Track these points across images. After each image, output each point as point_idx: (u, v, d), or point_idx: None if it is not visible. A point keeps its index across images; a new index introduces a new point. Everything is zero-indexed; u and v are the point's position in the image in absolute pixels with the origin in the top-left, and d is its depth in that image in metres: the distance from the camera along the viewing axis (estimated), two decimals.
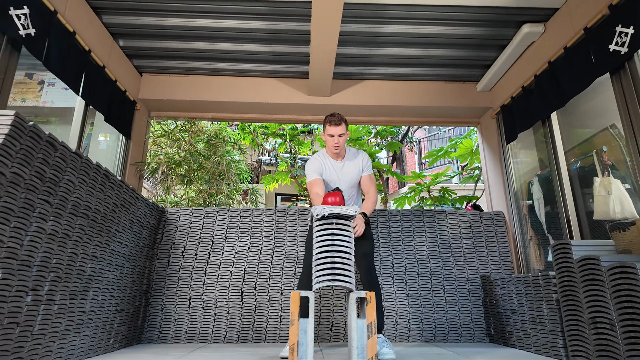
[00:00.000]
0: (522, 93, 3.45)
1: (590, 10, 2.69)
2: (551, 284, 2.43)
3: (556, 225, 3.17)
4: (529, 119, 3.35)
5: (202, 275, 3.28)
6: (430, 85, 4.15)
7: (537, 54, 3.30)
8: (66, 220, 2.04)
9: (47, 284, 1.93)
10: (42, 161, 1.85)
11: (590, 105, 3.08)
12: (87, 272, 2.25)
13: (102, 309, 2.44)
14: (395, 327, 3.21)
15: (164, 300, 3.20)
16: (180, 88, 4.01)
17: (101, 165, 2.35)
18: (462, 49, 3.64)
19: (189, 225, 3.46)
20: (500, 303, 3.02)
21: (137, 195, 2.89)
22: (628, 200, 2.62)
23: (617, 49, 2.42)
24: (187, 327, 3.13)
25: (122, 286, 2.71)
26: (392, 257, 3.45)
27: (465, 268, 3.43)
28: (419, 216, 3.64)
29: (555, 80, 2.99)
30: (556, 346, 2.34)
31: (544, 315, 2.48)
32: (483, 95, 4.13)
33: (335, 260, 1.83)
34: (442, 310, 3.28)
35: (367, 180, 2.75)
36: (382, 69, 3.96)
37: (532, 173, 3.63)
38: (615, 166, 2.80)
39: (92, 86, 2.97)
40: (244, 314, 3.18)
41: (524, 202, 3.70)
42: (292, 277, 3.31)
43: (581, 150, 3.15)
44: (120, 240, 2.64)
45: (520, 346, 2.73)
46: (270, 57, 3.76)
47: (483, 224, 3.62)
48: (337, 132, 2.58)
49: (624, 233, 2.53)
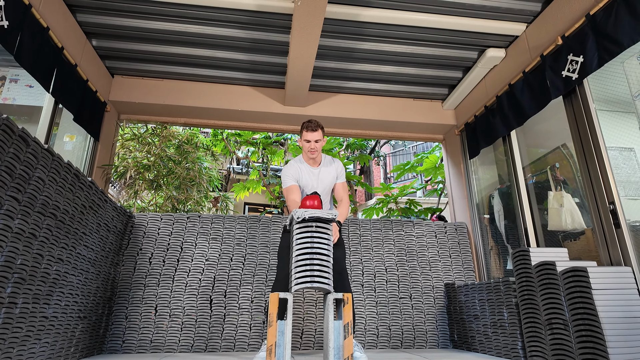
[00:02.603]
0: (485, 112, 3.70)
1: (546, 39, 2.97)
2: (511, 289, 2.60)
3: (515, 236, 3.40)
4: (490, 136, 3.60)
5: (170, 283, 3.20)
6: (400, 101, 4.35)
7: (498, 76, 3.56)
8: (34, 219, 1.96)
9: (10, 285, 1.83)
10: (13, 156, 1.78)
11: (544, 126, 3.36)
12: (52, 275, 2.16)
13: (65, 315, 2.33)
14: (364, 334, 3.27)
15: (128, 309, 3.08)
16: (153, 92, 3.95)
17: (72, 164, 2.28)
18: (431, 69, 3.86)
19: (157, 231, 3.38)
20: (463, 309, 3.17)
21: (106, 197, 2.81)
22: (578, 212, 2.87)
23: (569, 74, 2.68)
24: (152, 336, 3.03)
25: (86, 292, 2.60)
26: (362, 265, 3.53)
27: (431, 276, 3.57)
28: (388, 225, 3.76)
29: (515, 101, 3.24)
30: (515, 348, 2.49)
31: (504, 320, 2.64)
32: (448, 113, 4.38)
33: (315, 262, 1.88)
34: (408, 317, 3.38)
35: (341, 188, 2.81)
36: (356, 83, 4.11)
37: (492, 187, 3.87)
38: (567, 182, 3.06)
39: (63, 84, 2.88)
40: (213, 322, 3.12)
41: (485, 214, 3.93)
42: (263, 285, 3.30)
43: (536, 167, 3.41)
44: (86, 244, 2.54)
45: (482, 350, 2.87)
46: (248, 65, 3.80)
47: (447, 234, 3.80)
48: (314, 137, 2.64)
49: (574, 242, 2.76)
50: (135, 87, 3.94)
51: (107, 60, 3.73)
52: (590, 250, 2.69)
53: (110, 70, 3.86)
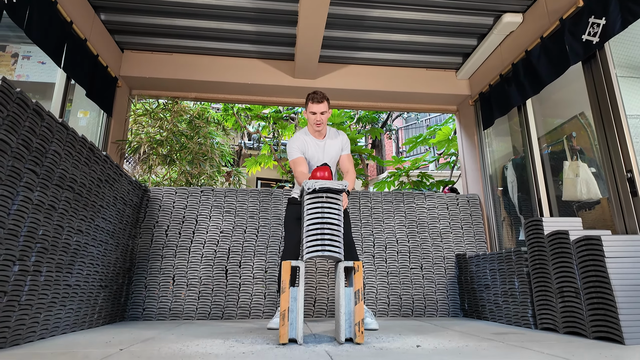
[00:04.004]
0: (500, 80, 3.60)
1: (565, 2, 2.83)
2: (522, 259, 2.60)
3: (528, 207, 3.37)
4: (505, 106, 3.51)
5: (186, 254, 3.29)
6: (412, 71, 4.25)
7: (515, 43, 3.44)
8: (52, 192, 2.02)
9: (34, 254, 1.91)
10: (29, 130, 1.82)
11: (561, 94, 3.26)
12: (73, 245, 2.24)
13: (87, 284, 2.43)
14: (375, 303, 3.34)
15: (147, 279, 3.20)
16: (163, 66, 3.94)
17: (86, 138, 2.32)
18: (445, 36, 3.74)
19: (173, 204, 3.45)
20: (474, 279, 3.19)
21: (121, 171, 2.86)
22: (594, 182, 2.82)
23: (589, 38, 2.57)
24: (170, 304, 3.15)
25: (106, 262, 2.70)
26: (373, 237, 3.56)
27: (442, 247, 3.59)
28: (399, 198, 3.76)
29: (532, 68, 3.14)
30: (525, 316, 2.52)
31: (515, 289, 2.65)
32: (462, 82, 4.27)
33: (325, 232, 1.91)
34: (419, 287, 3.43)
35: (347, 160, 2.79)
36: (367, 53, 4.02)
37: (506, 158, 3.81)
38: (583, 151, 2.99)
39: (73, 59, 2.89)
40: (229, 291, 3.23)
41: (498, 185, 3.89)
42: (276, 256, 3.37)
43: (552, 137, 3.33)
44: (104, 216, 2.62)
45: (492, 318, 2.91)
46: (256, 37, 3.74)
47: (459, 205, 3.78)
48: (319, 109, 2.62)
49: (589, 212, 2.73)
50: (145, 62, 3.93)
51: (116, 35, 3.72)
52: (605, 219, 2.65)
53: (120, 45, 3.85)
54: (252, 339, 1.95)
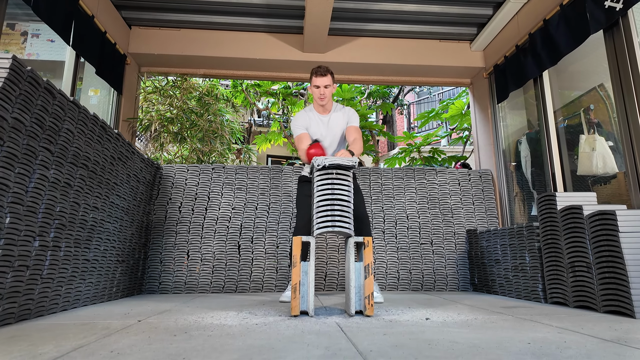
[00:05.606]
0: (516, 52, 3.47)
1: None
2: (534, 234, 2.58)
3: (541, 182, 3.31)
4: (521, 78, 3.40)
5: (200, 230, 3.36)
6: (425, 43, 4.13)
7: (532, 12, 3.30)
8: (67, 170, 2.05)
9: (52, 230, 1.97)
10: (42, 108, 1.84)
11: (579, 65, 3.14)
12: (89, 221, 2.30)
13: (105, 258, 2.51)
14: (385, 277, 3.39)
15: (162, 254, 3.28)
16: (171, 42, 3.90)
17: (98, 116, 2.33)
18: (458, 5, 3.61)
19: (185, 181, 3.49)
20: (484, 254, 3.20)
21: (133, 149, 2.89)
22: (610, 156, 2.75)
23: (612, 4, 2.44)
24: (185, 278, 3.24)
25: (122, 238, 2.77)
26: (383, 213, 3.57)
27: (453, 223, 3.58)
28: (410, 174, 3.74)
29: (550, 38, 3.02)
30: (536, 290, 2.52)
31: (526, 263, 2.65)
32: (476, 54, 4.14)
33: (335, 207, 1.92)
34: (429, 262, 3.46)
35: (353, 130, 2.67)
36: (378, 25, 3.90)
37: (520, 132, 3.73)
38: (601, 124, 2.91)
39: (82, 36, 2.88)
40: (242, 265, 3.30)
41: (511, 160, 3.83)
42: (287, 232, 3.41)
43: (568, 110, 3.24)
44: (118, 194, 2.67)
45: (502, 293, 2.93)
46: (264, 9, 3.66)
47: (471, 181, 3.75)
48: (323, 82, 2.58)
49: (604, 186, 2.68)
50: (153, 38, 3.90)
51: (123, 11, 3.68)
52: (621, 194, 2.60)
53: (127, 21, 3.81)
54: (264, 311, 2.00)
